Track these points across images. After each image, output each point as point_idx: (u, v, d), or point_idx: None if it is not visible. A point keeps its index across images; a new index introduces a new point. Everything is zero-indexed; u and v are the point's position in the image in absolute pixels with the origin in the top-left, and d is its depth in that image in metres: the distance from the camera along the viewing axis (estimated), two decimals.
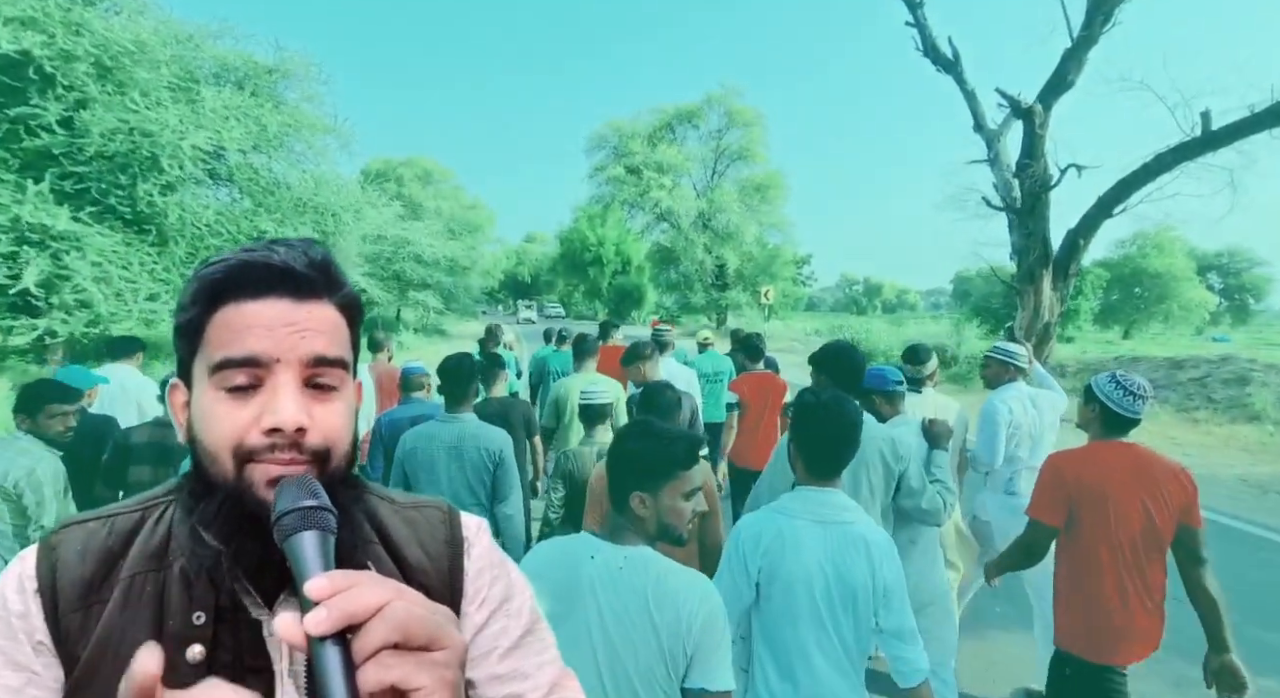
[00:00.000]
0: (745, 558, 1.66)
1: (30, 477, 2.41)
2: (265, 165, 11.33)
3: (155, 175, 8.84)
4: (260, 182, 11.34)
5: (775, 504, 1.75)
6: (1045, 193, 10.07)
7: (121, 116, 8.54)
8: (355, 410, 0.63)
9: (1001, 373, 3.43)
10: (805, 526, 1.65)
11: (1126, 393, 2.11)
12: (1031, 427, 3.30)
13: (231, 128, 9.38)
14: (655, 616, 1.30)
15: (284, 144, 11.46)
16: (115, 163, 8.68)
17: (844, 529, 1.64)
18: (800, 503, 1.70)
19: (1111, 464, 2.10)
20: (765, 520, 1.71)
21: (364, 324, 0.69)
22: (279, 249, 0.59)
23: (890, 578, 1.60)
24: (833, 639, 1.60)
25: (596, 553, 1.37)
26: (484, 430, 2.74)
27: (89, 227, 8.61)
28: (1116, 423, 2.14)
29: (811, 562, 1.60)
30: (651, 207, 30.70)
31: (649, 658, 1.30)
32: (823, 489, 1.72)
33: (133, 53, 8.92)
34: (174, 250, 9.99)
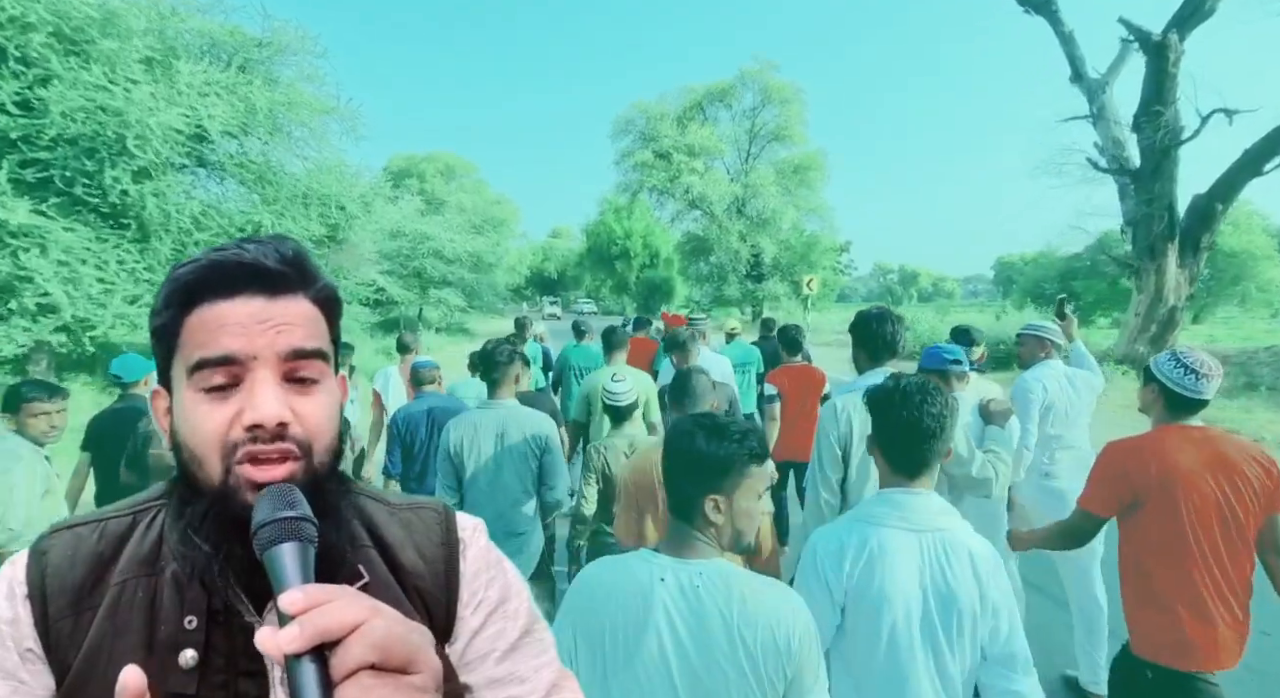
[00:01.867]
0: (827, 577, 1.47)
1: (2, 477, 2.39)
2: (259, 151, 10.20)
3: (124, 160, 7.74)
4: (254, 169, 10.24)
5: (856, 511, 1.58)
6: (1176, 148, 8.20)
7: (86, 94, 7.46)
8: (340, 403, 0.62)
9: (1036, 350, 3.34)
10: (896, 534, 1.45)
11: (1189, 372, 1.96)
12: (1068, 406, 3.20)
13: (211, 106, 8.23)
14: (746, 637, 1.16)
15: (279, 127, 10.32)
16: (80, 147, 7.60)
17: (942, 537, 1.44)
18: (887, 508, 1.50)
19: (1180, 451, 1.95)
20: (847, 531, 1.52)
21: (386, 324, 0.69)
22: (249, 247, 0.59)
23: (1000, 594, 1.40)
24: (933, 670, 1.40)
25: (665, 573, 1.23)
26: (528, 416, 2.71)
27: (53, 221, 7.57)
28: (1181, 405, 2.00)
29: (907, 578, 1.41)
30: (682, 193, 28.81)
31: (741, 688, 1.16)
32: (912, 490, 1.51)
33: (98, 21, 7.83)
34: (158, 247, 8.93)
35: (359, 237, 14.01)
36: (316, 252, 12.04)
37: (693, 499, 1.26)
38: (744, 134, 29.90)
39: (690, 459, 1.27)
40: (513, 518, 2.65)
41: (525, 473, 2.66)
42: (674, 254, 40.83)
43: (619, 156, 30.74)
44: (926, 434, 1.49)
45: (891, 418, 1.53)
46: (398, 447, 3.47)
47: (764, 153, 30.21)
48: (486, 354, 2.77)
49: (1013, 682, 1.38)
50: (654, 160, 29.17)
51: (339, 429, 0.62)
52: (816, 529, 1.58)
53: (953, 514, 1.50)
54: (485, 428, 2.65)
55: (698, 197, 28.14)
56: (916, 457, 1.51)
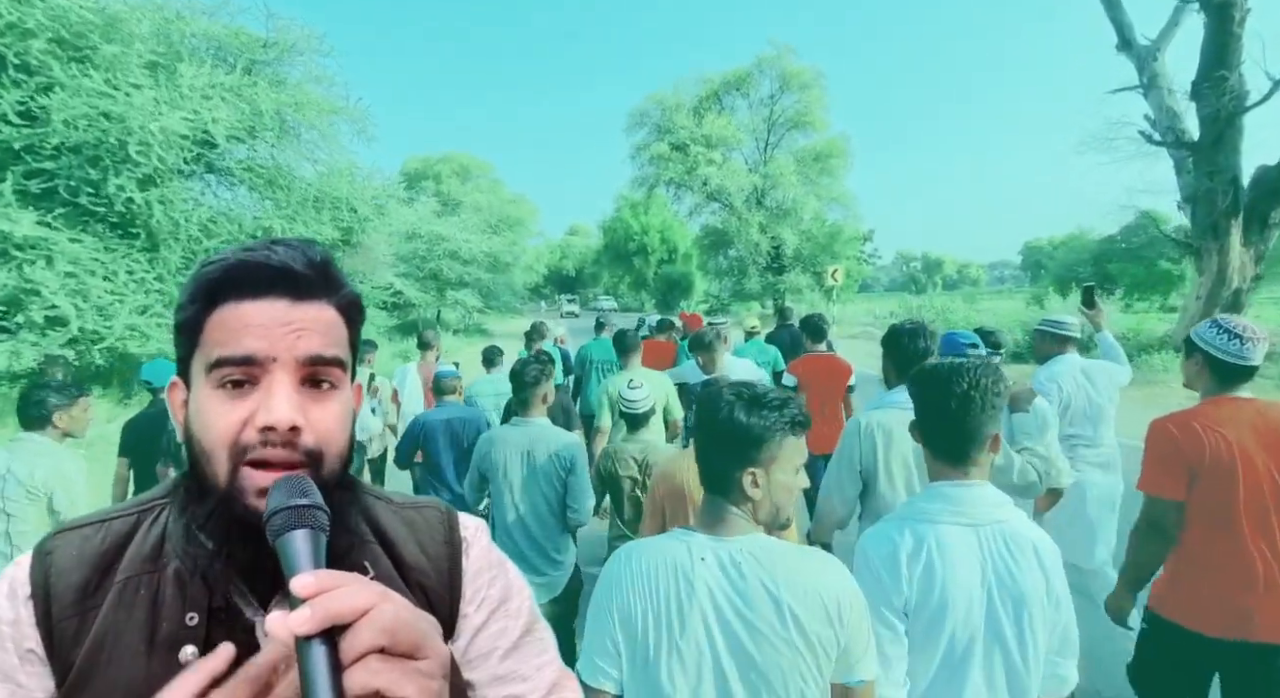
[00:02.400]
0: (885, 586, 1.35)
1: (59, 475, 2.47)
2: (268, 155, 10.01)
3: (128, 168, 7.57)
4: (263, 174, 10.06)
5: (906, 509, 1.46)
6: (1240, 116, 7.54)
7: (89, 101, 7.29)
8: (353, 411, 0.63)
9: (1052, 345, 3.22)
10: (953, 531, 1.35)
11: (1232, 337, 1.89)
12: (1086, 403, 3.07)
13: (214, 108, 8.01)
14: (797, 610, 1.13)
15: (288, 129, 10.12)
16: (83, 155, 7.45)
17: (1002, 529, 1.35)
18: (940, 503, 1.39)
19: (1230, 422, 1.86)
20: (898, 531, 1.39)
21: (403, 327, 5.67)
22: (278, 249, 0.59)
23: (1062, 585, 1.34)
24: (1000, 670, 1.33)
25: (705, 552, 1.19)
26: (555, 435, 2.75)
27: (59, 232, 7.42)
28: (1227, 373, 1.92)
29: (970, 576, 1.32)
30: (700, 185, 27.85)
31: (795, 662, 1.13)
32: (965, 483, 1.40)
33: (100, 26, 7.66)
34: (167, 256, 8.78)
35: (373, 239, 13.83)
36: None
37: (729, 473, 1.23)
38: (762, 123, 28.96)
39: (727, 431, 1.22)
40: (540, 535, 2.68)
41: (551, 492, 2.68)
42: (692, 249, 40.25)
43: (634, 150, 29.82)
44: (971, 418, 1.38)
45: (936, 404, 1.43)
46: (410, 444, 3.54)
47: (783, 141, 29.39)
48: (515, 374, 2.82)
49: (1059, 666, 1.36)
50: (670, 153, 28.25)
51: (351, 437, 0.62)
52: (865, 532, 1.51)
53: (1009, 505, 1.41)
54: (514, 445, 2.71)
55: (716, 189, 27.28)
56: (964, 443, 1.40)
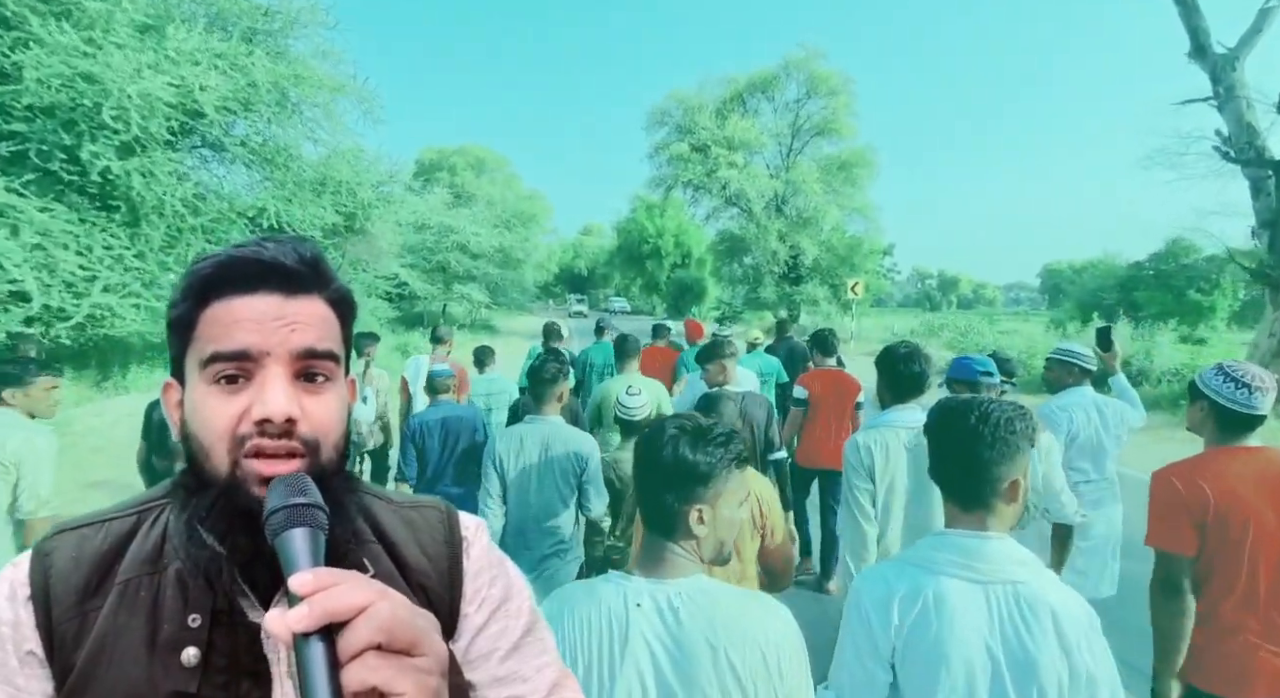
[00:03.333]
0: (873, 630, 1.27)
1: (30, 448, 2.42)
2: (266, 132, 9.41)
3: (105, 134, 6.98)
4: (260, 151, 9.47)
5: (911, 553, 1.35)
6: None
7: (67, 59, 6.71)
8: (347, 404, 0.63)
9: (1065, 376, 3.14)
10: (956, 585, 1.24)
11: (1239, 386, 1.84)
12: (1093, 437, 2.98)
13: (203, 76, 7.42)
14: (734, 658, 1.09)
15: (288, 105, 9.54)
16: (57, 118, 6.86)
17: (1016, 590, 1.21)
18: (948, 552, 1.27)
19: (1236, 473, 1.82)
20: (897, 575, 1.29)
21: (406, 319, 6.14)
22: (268, 245, 0.59)
23: (1096, 661, 1.18)
24: None
25: (641, 597, 1.14)
26: (571, 434, 2.77)
27: (27, 199, 6.84)
28: (1233, 422, 1.87)
29: (970, 636, 1.21)
30: (719, 189, 26.95)
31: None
32: (979, 534, 1.26)
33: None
34: (149, 232, 8.19)
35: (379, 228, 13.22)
36: (331, 241, 11.26)
37: (674, 511, 1.18)
38: (786, 128, 27.87)
39: (673, 467, 1.18)
40: (553, 530, 2.69)
41: (565, 489, 2.71)
42: (707, 254, 39.54)
43: (653, 150, 28.64)
44: (992, 461, 1.26)
45: (942, 437, 1.34)
46: (411, 450, 3.48)
47: (807, 148, 28.36)
48: (534, 371, 2.86)
49: None
50: (690, 154, 27.20)
51: (346, 429, 0.62)
52: (861, 572, 1.42)
53: (1032, 564, 1.26)
54: (530, 441, 2.73)
55: (735, 193, 26.35)
56: (969, 483, 1.29)
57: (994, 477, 1.25)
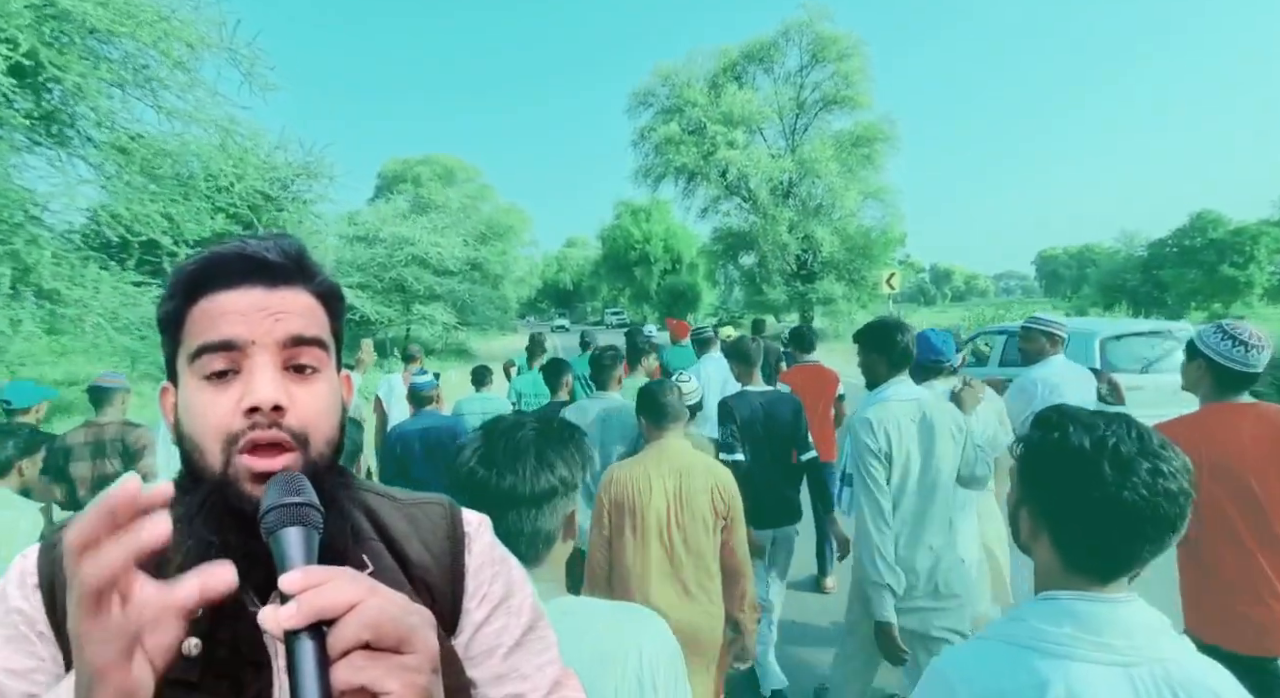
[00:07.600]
0: None
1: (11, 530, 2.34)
2: (74, 98, 6.47)
3: None
4: (78, 126, 6.56)
5: (1016, 631, 0.97)
6: None
7: None
8: (340, 396, 0.64)
9: (1042, 346, 3.26)
10: (1096, 671, 0.89)
11: (1236, 343, 1.93)
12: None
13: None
14: (613, 676, 1.06)
15: (114, 60, 6.63)
16: None
17: (1166, 670, 0.90)
18: (1071, 625, 0.93)
19: (1234, 429, 1.91)
20: (1010, 666, 0.92)
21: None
22: (251, 242, 0.61)
23: None
24: None
25: None
26: (626, 408, 3.16)
27: None
28: (1229, 379, 1.96)
29: None
30: (717, 175, 23.72)
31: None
32: (1107, 597, 0.95)
33: None
34: None
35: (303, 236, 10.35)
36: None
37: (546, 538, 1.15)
38: (790, 102, 24.28)
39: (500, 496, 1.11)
40: None
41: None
42: (699, 257, 36.89)
43: (638, 136, 25.22)
44: (1153, 517, 0.91)
45: (1085, 486, 0.94)
46: (391, 465, 3.60)
47: (816, 123, 24.64)
48: (595, 358, 3.44)
49: None
50: (682, 136, 23.81)
51: (339, 421, 0.62)
52: (950, 660, 1.05)
53: (1170, 632, 0.96)
54: (590, 413, 3.24)
55: (737, 178, 22.99)
56: (1126, 549, 0.95)
57: (1168, 541, 0.95)
